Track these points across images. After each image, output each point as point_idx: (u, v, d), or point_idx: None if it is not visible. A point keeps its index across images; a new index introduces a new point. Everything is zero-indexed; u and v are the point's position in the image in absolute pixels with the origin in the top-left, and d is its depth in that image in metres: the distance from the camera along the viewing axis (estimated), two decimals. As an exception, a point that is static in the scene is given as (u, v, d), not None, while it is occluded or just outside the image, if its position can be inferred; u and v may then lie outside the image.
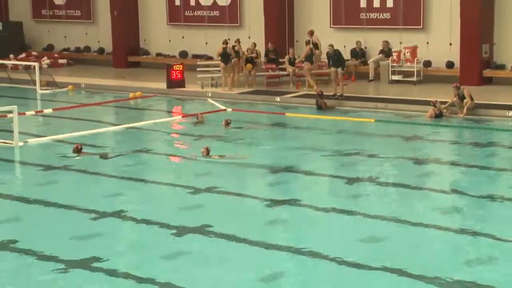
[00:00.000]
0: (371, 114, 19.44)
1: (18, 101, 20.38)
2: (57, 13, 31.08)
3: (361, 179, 13.02)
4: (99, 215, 11.15)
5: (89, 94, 23.92)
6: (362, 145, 15.80)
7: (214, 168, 13.93)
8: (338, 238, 10.18)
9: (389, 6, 24.06)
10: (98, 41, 30.02)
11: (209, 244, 9.96)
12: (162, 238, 10.20)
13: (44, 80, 24.71)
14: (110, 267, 9.08)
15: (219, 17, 27.20)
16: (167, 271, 9.01)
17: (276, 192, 12.45)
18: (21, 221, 11.15)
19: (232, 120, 17.92)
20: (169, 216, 11.05)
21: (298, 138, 17.00)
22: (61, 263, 9.24)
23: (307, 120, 18.98)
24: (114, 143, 16.57)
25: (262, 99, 21.72)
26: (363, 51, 24.56)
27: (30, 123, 18.70)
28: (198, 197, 12.13)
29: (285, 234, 10.50)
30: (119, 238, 10.48)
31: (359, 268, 8.98)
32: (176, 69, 23.51)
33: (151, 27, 28.90)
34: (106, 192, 12.50)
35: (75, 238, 10.18)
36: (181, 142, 16.99)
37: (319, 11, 25.28)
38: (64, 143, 16.30)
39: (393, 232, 10.34)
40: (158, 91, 23.36)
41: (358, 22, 24.63)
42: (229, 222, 10.83)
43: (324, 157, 15.11)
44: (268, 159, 14.76)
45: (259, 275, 8.85)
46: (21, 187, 13.32)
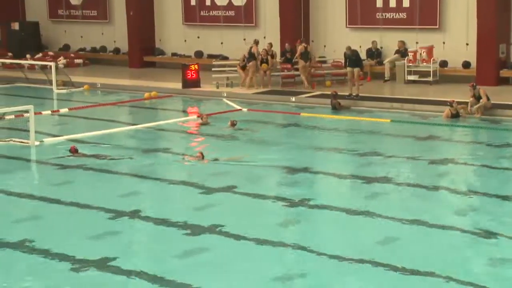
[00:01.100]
0: (387, 114, 19.36)
1: (34, 100, 20.48)
2: (73, 13, 31.21)
3: (377, 180, 12.96)
4: (114, 214, 11.18)
5: (105, 94, 23.99)
6: (377, 146, 15.74)
7: (229, 168, 13.92)
8: (354, 238, 10.13)
9: (405, 6, 23.96)
10: (114, 41, 30.12)
11: (224, 243, 9.95)
12: (176, 238, 10.21)
13: (61, 80, 24.82)
14: (125, 266, 9.09)
15: (235, 17, 27.19)
16: (181, 270, 9.02)
17: (291, 192, 12.42)
18: (38, 220, 11.20)
19: (240, 121, 17.86)
20: (184, 216, 11.05)
21: (313, 138, 16.96)
22: (77, 262, 9.26)
23: (322, 120, 18.93)
24: (129, 143, 16.59)
25: (277, 99, 21.70)
26: (379, 51, 24.47)
27: (46, 122, 18.78)
28: (213, 197, 12.12)
29: (300, 234, 10.47)
30: (134, 237, 10.49)
31: (376, 267, 8.94)
32: (192, 69, 23.54)
33: (167, 27, 28.95)
34: (121, 191, 12.53)
35: (91, 237, 10.21)
36: (196, 142, 16.99)
37: (335, 10, 25.21)
38: (80, 143, 16.35)
39: (409, 233, 10.29)
40: (174, 91, 23.39)
41: (374, 22, 24.55)
42: (244, 222, 10.81)
43: (340, 158, 15.07)
44: (283, 160, 14.72)
45: (274, 275, 8.83)
46: (37, 186, 13.38)
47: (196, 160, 14.21)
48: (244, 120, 19.02)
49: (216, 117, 18.99)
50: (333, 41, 25.11)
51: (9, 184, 12.98)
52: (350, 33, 24.92)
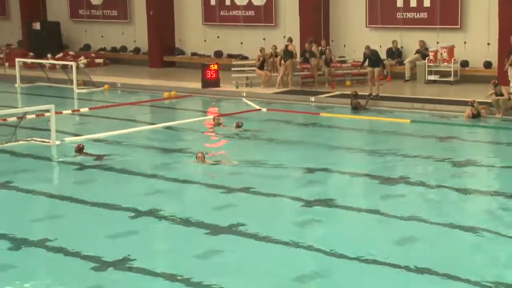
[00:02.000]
0: (407, 115, 19.27)
1: (55, 100, 20.60)
2: (94, 13, 31.38)
3: (396, 180, 12.90)
4: (134, 214, 11.21)
5: (125, 94, 24.09)
6: (397, 146, 15.67)
7: (248, 168, 13.92)
8: (372, 239, 10.09)
9: (426, 5, 23.83)
10: (134, 41, 30.24)
11: (243, 243, 9.95)
12: (196, 237, 10.22)
13: (81, 80, 24.96)
14: (144, 266, 9.12)
15: (254, 17, 27.19)
16: (200, 270, 9.02)
17: (310, 192, 12.39)
18: (58, 219, 11.26)
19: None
20: (203, 215, 11.06)
21: (333, 138, 16.92)
22: (96, 261, 9.30)
23: (342, 120, 18.88)
24: (148, 142, 16.64)
25: (297, 99, 21.67)
26: (399, 51, 24.35)
27: (67, 122, 18.89)
28: (232, 197, 12.13)
29: (318, 234, 10.44)
30: (153, 237, 10.52)
31: (394, 268, 8.90)
32: (211, 69, 23.57)
33: (187, 27, 29.01)
34: (141, 191, 12.57)
35: (110, 237, 10.24)
36: (215, 141, 17.01)
37: (355, 10, 25.13)
38: (100, 142, 16.45)
39: (427, 234, 10.23)
40: (193, 91, 23.44)
41: (394, 22, 24.43)
42: (263, 222, 10.81)
43: (359, 158, 15.02)
44: (302, 159, 14.70)
45: (292, 275, 8.82)
46: (58, 185, 13.47)
47: (198, 162, 14.08)
48: (263, 120, 19.04)
49: (235, 117, 18.98)
50: (353, 41, 25.03)
51: (30, 183, 13.07)
52: (370, 32, 24.83)
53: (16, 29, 33.31)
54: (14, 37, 33.50)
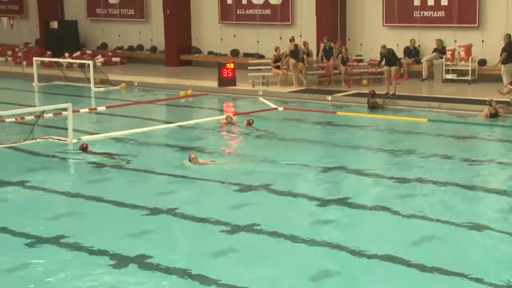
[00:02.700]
0: (424, 114, 19.18)
1: (72, 98, 20.70)
2: (111, 12, 31.50)
3: (413, 179, 12.84)
4: (150, 212, 11.24)
5: (142, 92, 24.16)
6: (414, 145, 15.60)
7: (264, 167, 13.91)
8: (389, 238, 10.05)
9: (443, 4, 23.72)
10: (151, 40, 30.32)
11: (259, 242, 9.94)
12: (212, 236, 10.23)
13: (98, 78, 25.06)
14: (161, 264, 9.14)
15: (271, 16, 27.18)
16: (217, 268, 9.03)
17: (326, 191, 12.37)
18: (75, 216, 11.31)
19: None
20: (219, 214, 11.06)
21: (349, 137, 16.87)
22: (113, 258, 9.33)
23: (358, 119, 18.82)
24: (164, 141, 16.67)
25: (313, 98, 21.63)
26: (416, 49, 24.25)
27: (84, 120, 18.96)
28: (248, 195, 12.12)
29: (335, 233, 10.41)
30: (170, 235, 10.53)
31: (409, 268, 8.86)
32: (228, 68, 23.59)
33: (203, 26, 29.05)
34: (158, 189, 12.59)
35: (127, 235, 10.27)
36: (231, 140, 17.02)
37: (372, 9, 25.06)
38: (116, 140, 16.50)
39: (444, 233, 10.18)
40: (210, 90, 23.46)
41: (411, 21, 24.34)
42: (279, 220, 10.80)
43: (376, 157, 14.97)
44: (318, 158, 14.67)
45: (308, 273, 8.80)
46: (75, 183, 13.50)
47: (191, 163, 13.96)
48: (280, 119, 19.03)
49: (251, 116, 18.95)
50: (370, 39, 24.96)
51: (47, 181, 13.14)
52: (387, 31, 24.74)
53: (34, 28, 33.52)
54: (32, 36, 33.71)
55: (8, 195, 12.47)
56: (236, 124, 18.00)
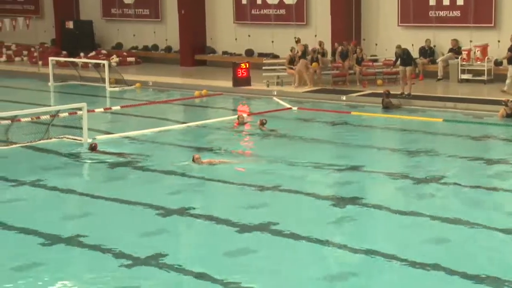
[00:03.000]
0: (440, 114, 19.09)
1: (87, 98, 20.75)
2: (126, 12, 31.59)
3: (428, 179, 12.78)
4: (164, 212, 11.25)
5: (156, 92, 24.20)
6: (429, 145, 15.53)
7: (278, 167, 13.89)
8: (404, 238, 10.01)
9: (459, 4, 23.59)
10: (166, 40, 30.37)
11: (274, 242, 9.93)
12: (226, 236, 10.23)
13: (113, 78, 25.13)
14: (175, 263, 9.14)
15: (286, 16, 27.15)
16: (231, 268, 9.03)
17: (341, 191, 12.33)
18: (90, 216, 11.34)
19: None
20: (233, 214, 11.06)
21: (364, 137, 16.82)
22: (128, 258, 9.35)
23: (373, 119, 18.76)
24: (178, 140, 16.68)
25: (328, 98, 21.58)
26: (432, 49, 24.13)
27: (99, 120, 19.01)
28: (262, 195, 12.11)
29: (349, 233, 10.39)
30: (183, 234, 10.54)
31: (425, 269, 8.81)
32: (242, 68, 23.59)
33: (218, 26, 29.07)
34: (171, 189, 12.60)
35: (142, 234, 10.29)
36: (245, 140, 17.01)
37: (387, 9, 24.96)
38: (131, 140, 16.54)
39: (460, 234, 10.12)
40: (224, 90, 23.47)
41: (427, 20, 24.22)
42: (294, 220, 10.78)
43: (390, 157, 14.92)
44: (333, 158, 14.64)
45: (323, 273, 8.79)
46: (89, 183, 13.56)
47: (195, 163, 13.90)
48: (294, 118, 19.01)
49: (265, 116, 18.94)
50: (385, 39, 24.87)
51: (62, 180, 13.18)
52: (402, 31, 24.64)
53: (50, 28, 33.67)
54: (47, 36, 33.86)
55: (23, 194, 12.53)
56: (248, 124, 17.97)
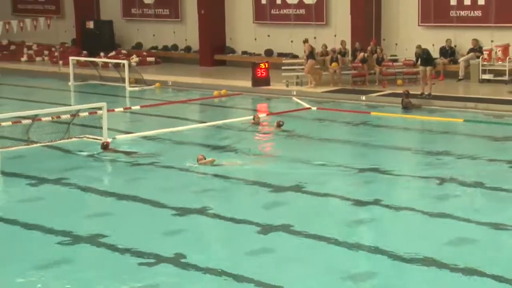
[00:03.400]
0: (460, 114, 18.96)
1: (107, 98, 20.85)
2: (146, 12, 31.69)
3: (448, 180, 12.69)
4: (184, 211, 11.26)
5: (176, 92, 24.26)
6: (450, 145, 15.42)
7: (298, 167, 13.87)
8: (424, 239, 9.95)
9: (480, 3, 23.42)
10: (185, 40, 30.43)
11: (293, 242, 9.91)
12: (246, 236, 10.22)
13: (133, 78, 25.22)
14: (195, 262, 9.15)
15: (305, 16, 27.10)
16: (251, 268, 9.02)
17: (360, 192, 12.29)
18: (111, 215, 11.38)
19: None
20: (252, 214, 11.05)
21: (383, 138, 16.74)
22: (148, 257, 9.37)
23: (393, 119, 18.67)
24: (197, 140, 16.70)
25: (347, 98, 21.51)
26: (452, 49, 23.97)
27: (119, 119, 19.09)
28: (282, 196, 12.09)
29: (369, 234, 10.35)
30: (203, 234, 10.55)
31: (444, 269, 8.76)
32: (262, 68, 23.58)
33: (237, 26, 29.08)
34: (191, 188, 12.62)
35: (161, 233, 10.31)
36: (265, 140, 16.99)
37: (407, 8, 24.83)
38: (150, 140, 16.59)
39: (480, 235, 10.04)
40: (243, 89, 23.48)
41: (448, 20, 24.06)
42: (313, 221, 10.75)
43: (411, 157, 14.84)
44: (353, 158, 14.58)
45: (341, 275, 8.75)
46: (109, 182, 13.62)
47: (200, 164, 13.84)
48: (313, 118, 18.96)
49: (285, 116, 18.94)
50: (405, 39, 24.73)
51: (82, 179, 13.25)
52: (423, 31, 24.50)
53: (70, 27, 33.87)
54: (68, 35, 34.05)
55: (44, 193, 12.60)
56: (263, 124, 17.93)
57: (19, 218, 11.05)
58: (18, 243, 10.14)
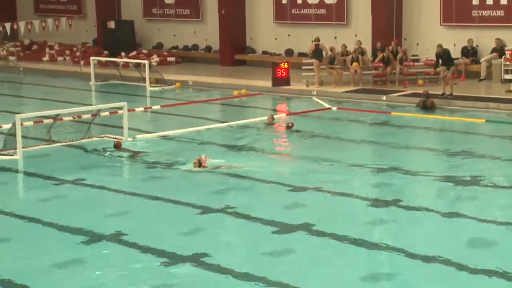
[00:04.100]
0: (482, 114, 18.81)
1: (128, 97, 20.94)
2: (167, 12, 31.78)
3: (470, 181, 12.59)
4: (203, 211, 11.27)
5: (196, 92, 24.30)
6: (471, 146, 15.31)
7: (318, 167, 13.83)
8: (443, 240, 9.89)
9: (503, 3, 23.22)
10: (206, 40, 30.47)
11: (312, 242, 9.88)
12: (265, 236, 10.21)
13: (153, 78, 25.30)
14: (215, 262, 9.16)
15: (326, 15, 27.02)
16: (270, 268, 9.01)
17: (380, 192, 12.23)
18: (130, 214, 11.41)
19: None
20: (272, 214, 11.04)
21: (404, 138, 16.66)
22: (168, 256, 9.39)
23: (413, 119, 18.56)
24: (216, 139, 16.71)
25: (368, 98, 21.43)
26: (474, 49, 23.79)
27: (139, 119, 19.16)
28: (301, 196, 12.06)
29: (389, 234, 10.29)
30: (224, 234, 10.54)
31: (463, 270, 8.70)
32: (282, 67, 23.55)
33: (258, 26, 29.06)
34: (211, 188, 12.63)
35: (181, 233, 10.33)
36: (284, 140, 16.96)
37: (429, 8, 24.68)
38: (170, 140, 16.63)
39: (501, 236, 9.95)
40: (264, 89, 23.46)
41: (470, 20, 23.88)
42: (332, 221, 10.72)
43: (431, 157, 14.74)
44: (373, 159, 14.52)
45: (361, 274, 8.72)
46: (130, 181, 13.65)
47: (195, 167, 13.69)
48: (333, 118, 18.91)
49: (306, 116, 18.92)
50: (426, 39, 24.59)
51: (102, 179, 13.31)
52: (444, 31, 24.34)
53: (92, 27, 34.05)
54: (89, 35, 34.24)
55: (65, 192, 12.68)
56: (277, 124, 17.88)
57: (40, 217, 11.13)
58: (39, 241, 10.21)
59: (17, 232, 10.68)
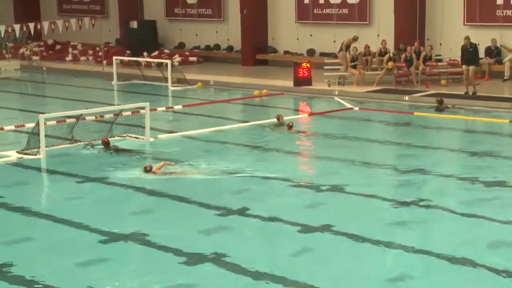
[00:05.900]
0: (506, 115, 18.64)
1: (150, 97, 21.02)
2: (189, 12, 31.87)
3: (493, 182, 12.47)
4: (224, 211, 11.27)
5: (217, 91, 24.34)
6: (495, 147, 15.17)
7: (339, 167, 13.78)
8: (466, 241, 9.79)
9: (527, 2, 23.03)
10: (228, 39, 30.51)
11: (333, 242, 9.85)
12: (287, 236, 10.18)
13: (175, 77, 25.38)
14: (233, 262, 9.15)
15: (348, 15, 26.95)
16: (290, 268, 8.98)
17: (402, 193, 12.16)
18: (151, 214, 11.44)
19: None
20: (294, 214, 11.01)
21: (426, 138, 16.56)
22: (188, 256, 9.40)
23: (436, 119, 18.44)
24: (237, 139, 16.70)
25: (390, 98, 21.32)
26: (498, 49, 23.58)
27: (161, 119, 19.22)
28: (322, 196, 12.02)
29: (410, 235, 10.21)
30: (244, 234, 10.53)
31: (488, 271, 8.62)
32: (304, 67, 23.52)
33: (280, 25, 29.05)
34: (231, 188, 12.62)
35: (202, 233, 10.33)
36: (306, 140, 16.93)
37: (452, 7, 24.52)
38: (192, 139, 16.65)
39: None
40: (285, 89, 23.44)
41: (493, 19, 23.69)
42: (354, 221, 10.67)
43: (454, 158, 14.63)
44: (395, 159, 14.44)
45: (383, 275, 8.67)
46: (152, 181, 13.66)
47: (147, 173, 13.45)
48: (355, 118, 18.84)
49: (327, 116, 18.85)
50: (450, 39, 24.44)
51: (124, 178, 13.35)
52: (468, 30, 24.13)
53: (114, 27, 34.24)
54: (112, 35, 34.43)
55: (86, 191, 12.74)
56: (286, 124, 17.80)
57: (63, 216, 11.19)
58: (62, 240, 10.26)
59: (41, 231, 10.74)
